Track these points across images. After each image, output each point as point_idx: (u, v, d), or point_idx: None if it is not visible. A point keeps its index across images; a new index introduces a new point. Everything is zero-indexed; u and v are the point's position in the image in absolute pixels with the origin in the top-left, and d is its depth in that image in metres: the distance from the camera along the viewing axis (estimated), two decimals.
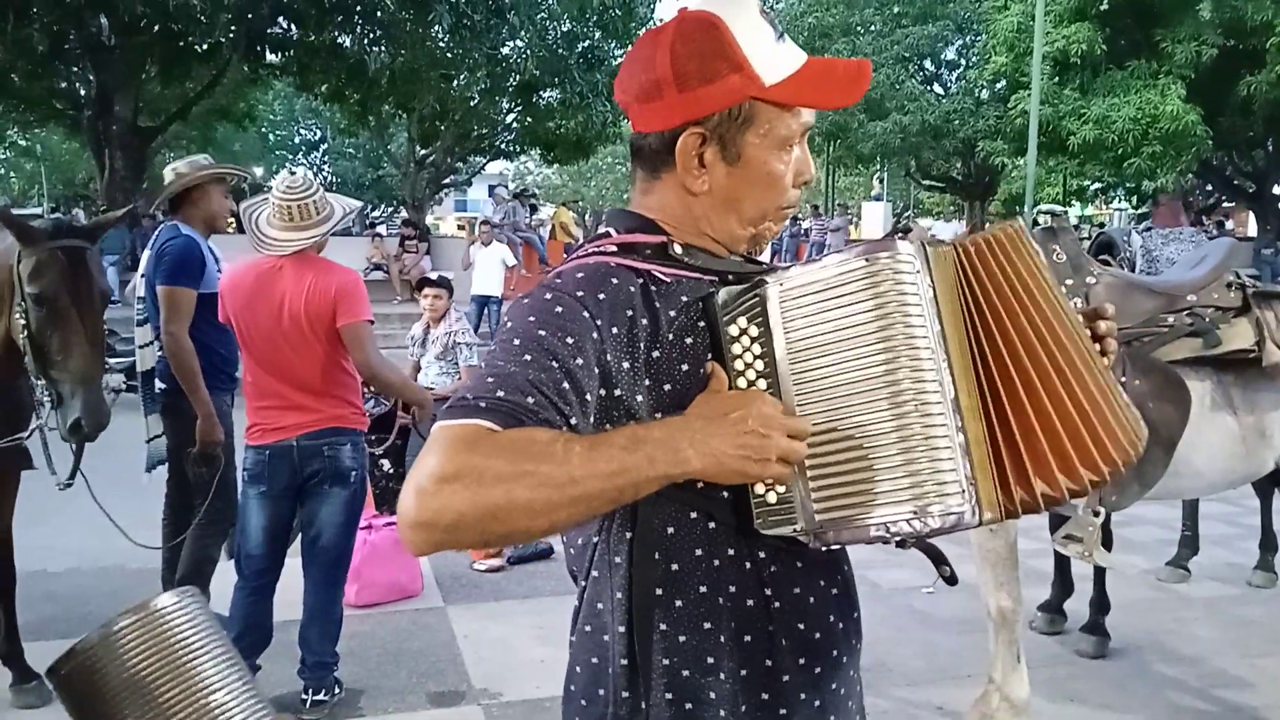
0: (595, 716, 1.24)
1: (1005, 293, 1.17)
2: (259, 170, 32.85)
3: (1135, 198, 25.98)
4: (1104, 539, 3.83)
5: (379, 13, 16.08)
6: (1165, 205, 15.93)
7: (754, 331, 1.17)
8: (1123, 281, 3.20)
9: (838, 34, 24.39)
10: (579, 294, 1.16)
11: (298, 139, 37.86)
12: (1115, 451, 1.16)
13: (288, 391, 3.37)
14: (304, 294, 3.31)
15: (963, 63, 25.79)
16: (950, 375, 1.11)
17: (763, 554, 1.21)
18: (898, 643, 4.17)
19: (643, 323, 1.16)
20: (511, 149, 23.63)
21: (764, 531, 1.16)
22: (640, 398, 1.16)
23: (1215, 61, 17.26)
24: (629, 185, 1.34)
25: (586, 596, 1.26)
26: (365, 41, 16.83)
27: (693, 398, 1.15)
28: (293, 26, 17.28)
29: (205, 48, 16.87)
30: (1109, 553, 3.79)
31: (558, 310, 1.14)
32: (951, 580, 1.28)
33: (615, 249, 1.23)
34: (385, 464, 4.79)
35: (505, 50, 18.30)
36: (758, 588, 1.21)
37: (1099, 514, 3.04)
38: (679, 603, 1.20)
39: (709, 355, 1.18)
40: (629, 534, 1.20)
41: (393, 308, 14.44)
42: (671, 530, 1.20)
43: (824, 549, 1.19)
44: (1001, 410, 1.15)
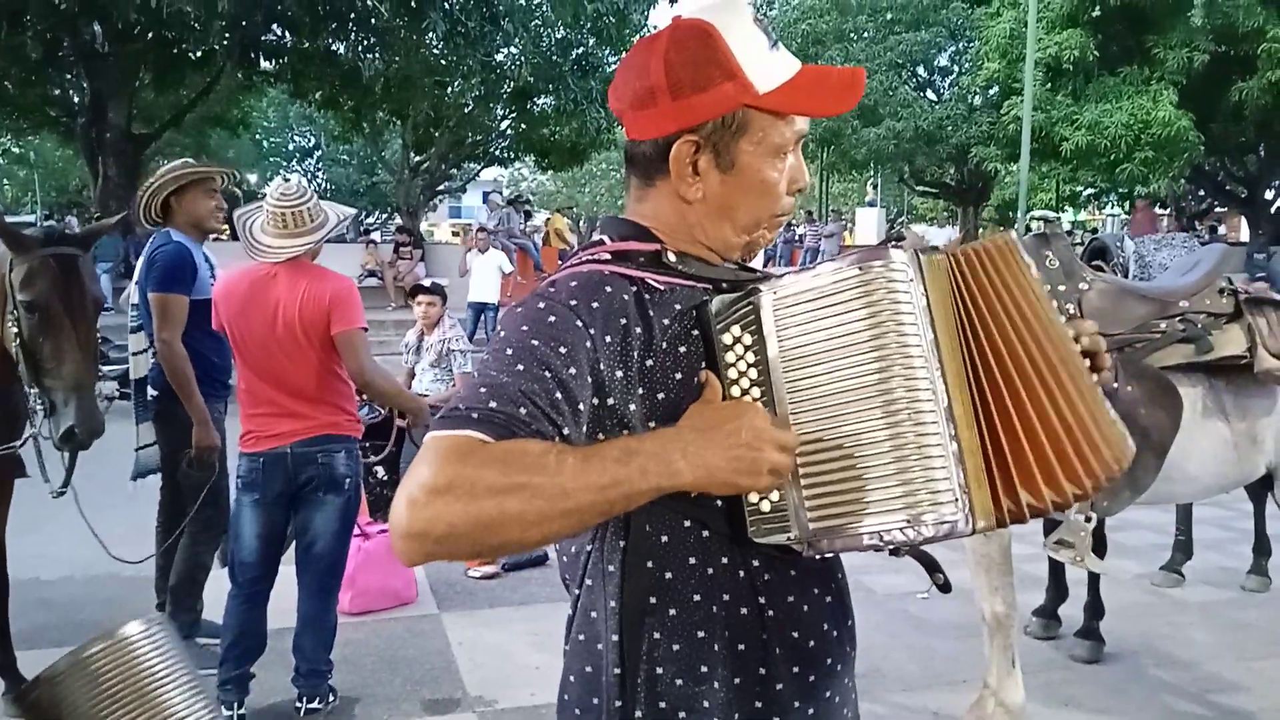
0: None
1: (995, 304, 1.17)
2: (253, 177, 32.84)
3: (1128, 203, 26.07)
4: (1098, 544, 3.84)
5: (373, 20, 16.06)
6: (1142, 212, 16.00)
7: (748, 340, 1.17)
8: (1115, 287, 3.21)
9: (831, 41, 24.47)
10: (572, 303, 1.15)
11: (292, 146, 37.85)
12: (1098, 465, 1.16)
13: (282, 399, 3.36)
14: (298, 301, 3.30)
15: (956, 69, 25.88)
16: (944, 384, 1.12)
17: (756, 562, 1.21)
18: (893, 648, 4.17)
19: (636, 331, 1.16)
20: (506, 155, 23.64)
21: (757, 540, 1.16)
22: (634, 406, 1.16)
23: (1207, 67, 17.36)
24: (624, 192, 1.34)
25: (580, 605, 1.26)
26: (359, 48, 16.82)
27: (687, 406, 1.15)
28: (287, 33, 17.27)
29: (199, 55, 16.84)
30: (1103, 558, 3.80)
31: (551, 319, 1.14)
32: (945, 588, 1.28)
33: (609, 256, 1.23)
34: (379, 471, 4.79)
35: (500, 57, 18.31)
36: (751, 596, 1.21)
37: (1091, 519, 3.05)
38: (672, 611, 1.20)
39: (703, 364, 1.18)
40: (622, 542, 1.20)
41: (387, 314, 14.41)
42: (665, 539, 1.19)
43: (818, 557, 1.19)
44: (993, 419, 1.15)
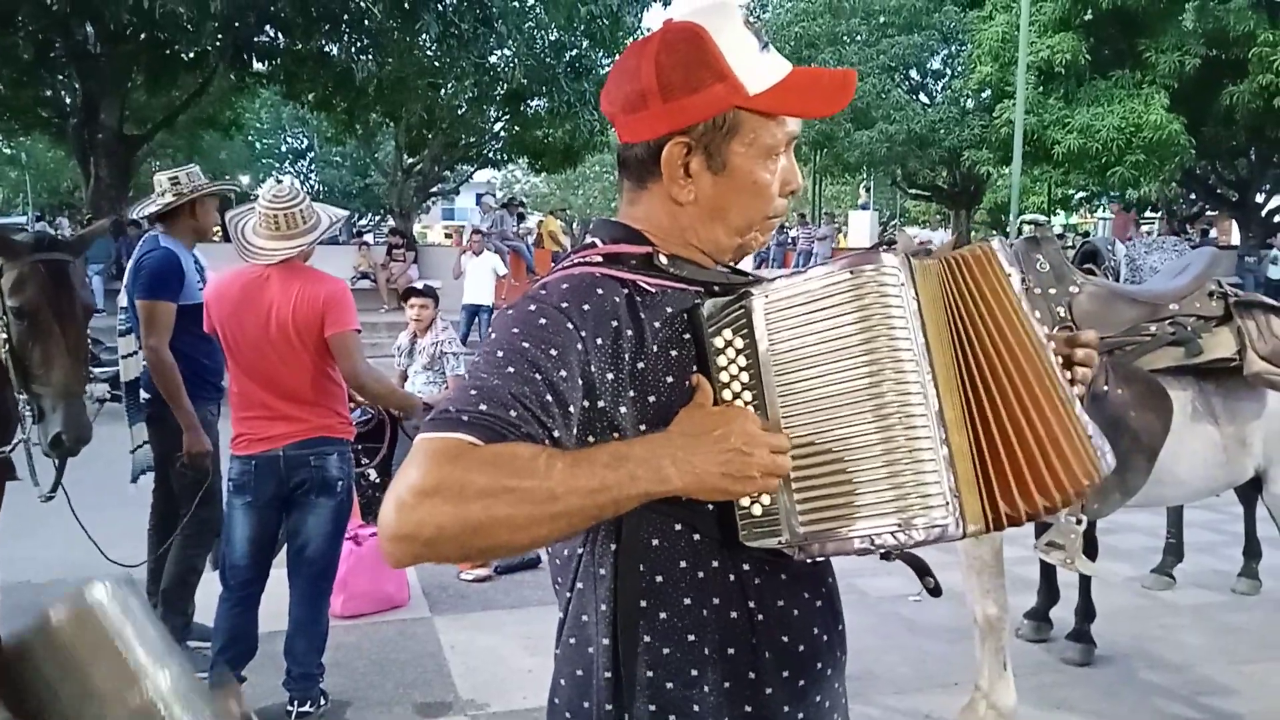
0: None
1: (974, 312, 1.18)
2: (245, 179, 32.78)
3: (1119, 206, 26.16)
4: (1089, 547, 3.85)
5: (366, 21, 16.06)
6: (1118, 216, 16.07)
7: (739, 343, 1.17)
8: (1105, 290, 3.22)
9: (824, 43, 24.51)
10: (563, 305, 1.15)
11: (284, 147, 37.80)
12: (1067, 479, 1.16)
13: (274, 401, 3.35)
14: (291, 303, 3.29)
15: (948, 72, 25.93)
16: (935, 388, 1.12)
17: (747, 566, 1.21)
18: (885, 650, 4.17)
19: (628, 334, 1.16)
20: (499, 158, 23.64)
21: (749, 544, 1.16)
22: (624, 409, 1.16)
23: (1198, 71, 17.44)
24: (617, 194, 1.34)
25: (571, 609, 1.26)
26: (352, 50, 16.82)
27: (677, 410, 1.15)
28: (280, 35, 17.26)
29: (192, 56, 16.84)
30: (1094, 561, 3.81)
31: (541, 322, 1.14)
32: (936, 592, 1.27)
33: (600, 259, 1.23)
34: (372, 474, 4.78)
35: (493, 59, 18.30)
36: (741, 600, 1.21)
37: (1081, 521, 3.06)
38: (663, 615, 1.20)
39: (694, 367, 1.18)
40: (614, 546, 1.20)
41: (380, 317, 14.39)
42: (656, 542, 1.19)
43: (808, 561, 1.19)
44: (986, 423, 1.15)
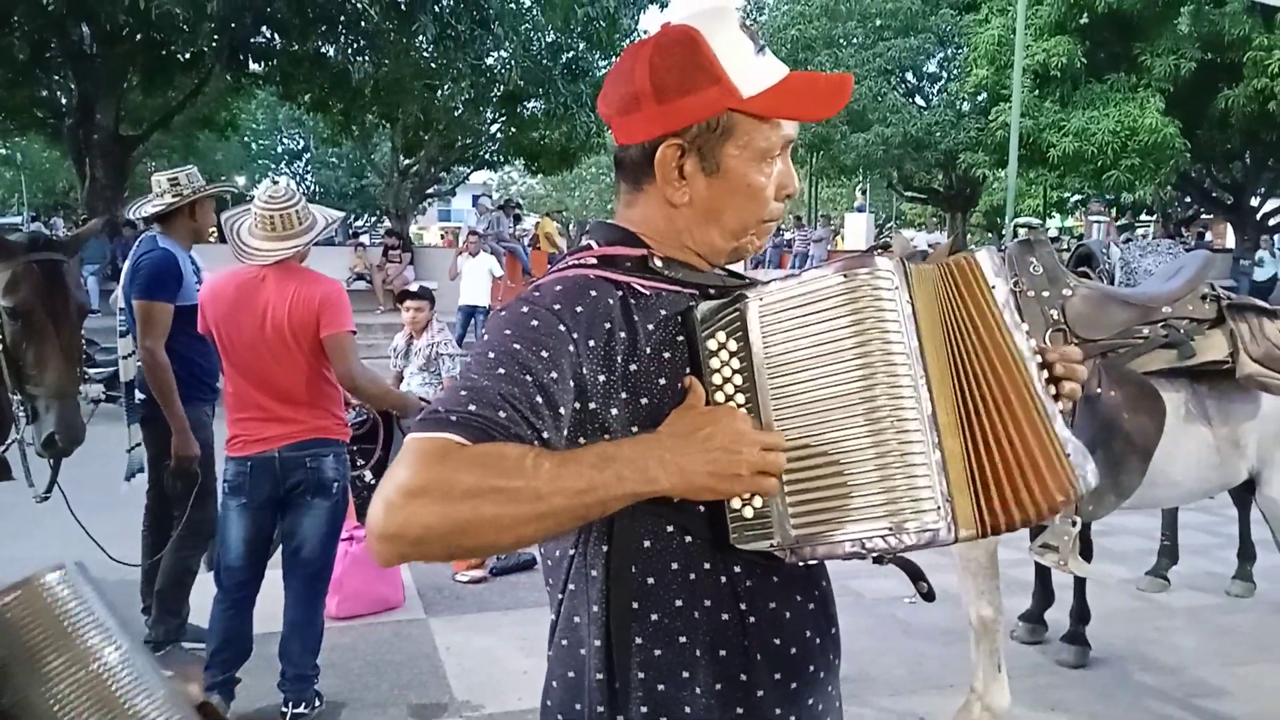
0: None
1: (962, 319, 1.18)
2: (241, 180, 32.74)
3: (1115, 209, 26.23)
4: (1084, 549, 3.85)
5: (363, 23, 16.05)
6: (1097, 215, 16.09)
7: (733, 346, 1.17)
8: (1099, 293, 3.23)
9: (820, 46, 24.56)
10: (555, 307, 1.16)
11: (280, 148, 37.77)
12: (1041, 494, 1.15)
13: (270, 403, 3.35)
14: (287, 304, 3.29)
15: (944, 75, 26.00)
16: (928, 391, 1.12)
17: (738, 568, 1.21)
18: (881, 652, 4.18)
19: (621, 336, 1.17)
20: (495, 159, 23.65)
21: (740, 546, 1.16)
22: (615, 411, 1.16)
23: (1193, 75, 17.49)
24: (613, 196, 1.34)
25: (563, 610, 1.26)
26: (349, 51, 16.81)
27: (670, 412, 1.15)
28: (276, 36, 17.25)
29: (188, 56, 16.79)
30: (1089, 563, 3.82)
31: (533, 324, 1.14)
32: (929, 596, 1.27)
33: (595, 261, 1.23)
34: (368, 475, 4.78)
35: (489, 61, 18.30)
36: (733, 602, 1.21)
37: (1075, 523, 3.06)
38: (654, 616, 1.20)
39: (687, 369, 1.18)
40: (605, 547, 1.20)
41: (375, 318, 14.37)
42: (648, 544, 1.19)
43: (800, 564, 1.18)
44: (978, 428, 1.15)
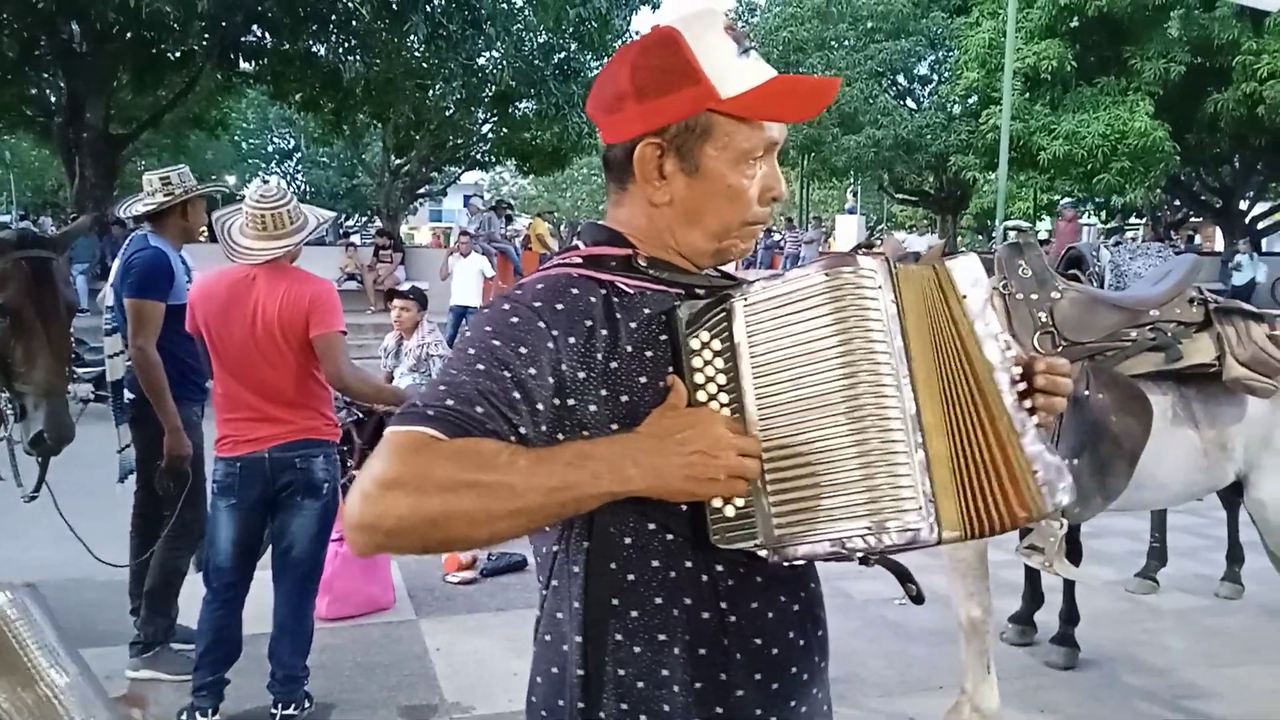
0: None
1: (941, 323, 1.18)
2: (231, 179, 32.66)
3: (1104, 213, 26.33)
4: (1074, 551, 3.87)
5: (354, 22, 16.04)
6: (1067, 221, 16.15)
7: (716, 345, 1.17)
8: (1087, 296, 3.24)
9: (812, 48, 24.59)
10: (536, 304, 1.17)
11: (271, 147, 37.62)
12: (1005, 506, 1.14)
13: (259, 403, 3.34)
14: (278, 303, 3.28)
15: (935, 78, 26.05)
16: (913, 391, 1.11)
17: (720, 567, 1.21)
18: (870, 654, 4.18)
19: (602, 333, 1.17)
20: (487, 159, 23.65)
21: (720, 546, 1.16)
22: (594, 408, 1.16)
23: (1183, 79, 17.58)
24: (605, 197, 1.35)
25: (547, 606, 1.27)
26: (340, 50, 16.78)
27: (650, 410, 1.16)
28: (267, 35, 17.21)
29: (178, 55, 16.76)
30: (1078, 565, 3.83)
31: (513, 320, 1.16)
32: (918, 599, 1.27)
33: (580, 261, 1.24)
34: (357, 475, 4.77)
35: (481, 61, 18.30)
36: (713, 601, 1.21)
37: (1061, 525, 3.08)
38: (634, 614, 1.20)
39: (670, 369, 1.19)
40: (586, 544, 1.21)
41: (366, 318, 14.35)
42: (629, 541, 1.20)
43: (785, 564, 1.18)
44: (962, 431, 1.14)
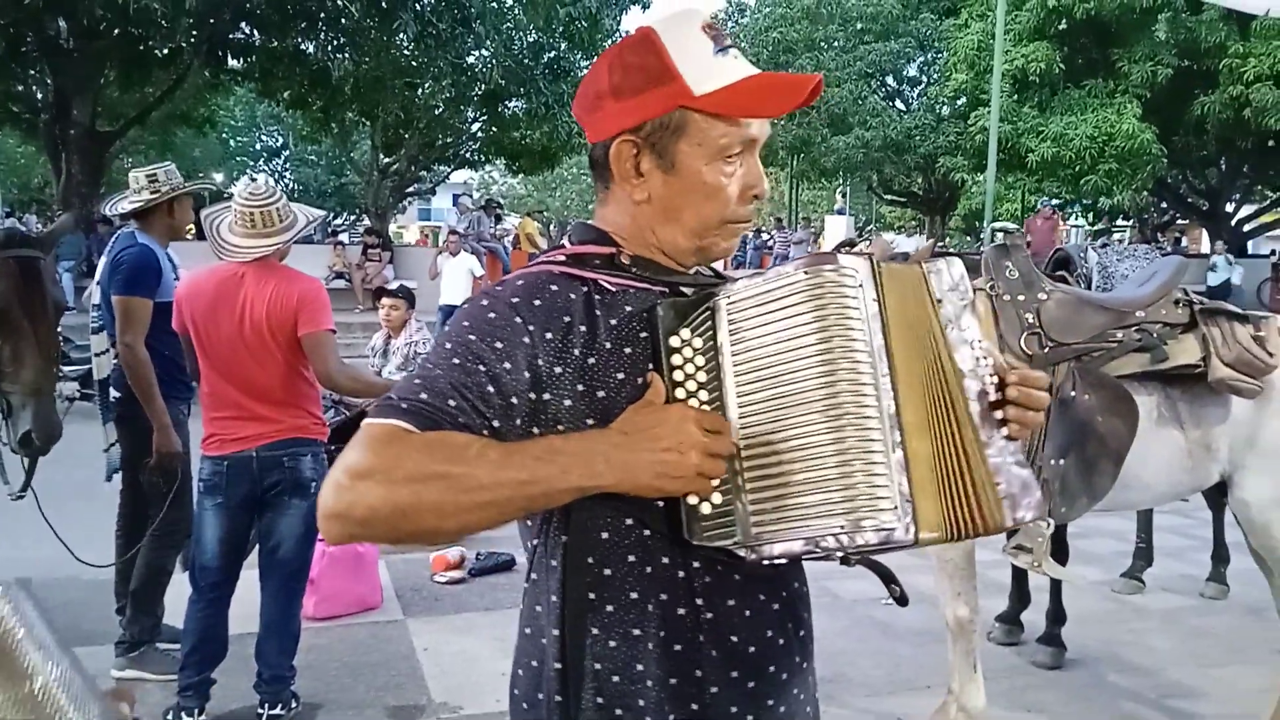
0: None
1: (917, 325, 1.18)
2: (219, 176, 32.50)
3: (1092, 215, 26.45)
4: (1060, 551, 3.89)
5: (343, 19, 15.98)
6: (1043, 219, 16.20)
7: (698, 344, 1.18)
8: (1073, 298, 3.25)
9: (801, 49, 24.64)
10: (514, 301, 1.19)
11: (259, 145, 37.47)
12: (976, 514, 1.13)
13: (247, 401, 3.33)
14: (266, 302, 3.27)
15: (924, 79, 26.15)
16: (893, 390, 1.11)
17: (697, 564, 1.21)
18: (858, 653, 4.19)
19: (580, 329, 1.19)
20: (476, 158, 23.58)
21: (695, 542, 1.16)
22: (569, 402, 1.17)
23: (1170, 82, 17.67)
24: (594, 196, 1.36)
25: (527, 599, 1.28)
26: (329, 48, 16.73)
27: (625, 406, 1.17)
28: (255, 32, 17.15)
29: (166, 52, 16.67)
30: (1065, 565, 3.85)
31: (490, 316, 1.18)
32: (902, 600, 1.27)
33: (564, 259, 1.26)
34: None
35: (470, 59, 18.27)
36: (689, 597, 1.21)
37: (1049, 525, 3.09)
38: (610, 608, 1.21)
39: (650, 365, 1.19)
40: (564, 538, 1.22)
41: (354, 316, 14.32)
42: (606, 536, 1.21)
43: (764, 562, 1.17)
44: (943, 432, 1.14)
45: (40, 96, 18.12)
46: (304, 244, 10.84)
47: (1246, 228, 23.31)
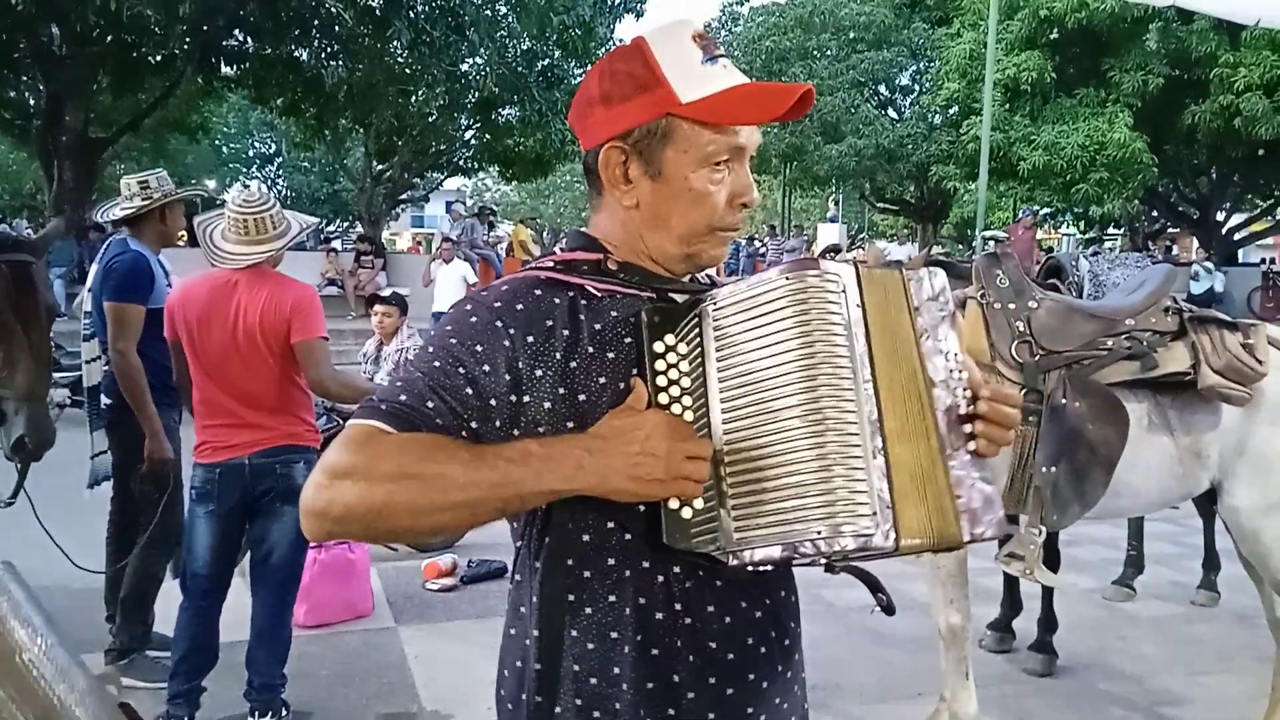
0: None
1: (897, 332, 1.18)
2: (212, 183, 32.44)
3: (1083, 223, 26.53)
4: (1052, 558, 3.90)
5: (337, 27, 15.99)
6: (1024, 229, 16.24)
7: (682, 349, 1.19)
8: (1064, 306, 3.27)
9: (794, 58, 24.71)
10: (496, 305, 1.21)
11: (252, 152, 37.36)
12: (919, 527, 1.12)
13: (240, 409, 3.32)
14: (259, 308, 3.27)
15: (916, 88, 26.21)
16: (875, 396, 1.11)
17: (678, 569, 1.22)
18: (851, 661, 4.19)
19: (562, 333, 1.20)
20: (470, 166, 23.59)
21: (674, 547, 1.16)
22: (549, 405, 1.18)
23: (1161, 91, 17.74)
24: (587, 203, 1.37)
25: (511, 600, 1.29)
26: (322, 55, 16.72)
27: (606, 411, 1.17)
28: (248, 39, 17.13)
29: (159, 59, 16.67)
30: (1056, 572, 3.86)
31: (472, 320, 1.20)
32: (889, 609, 1.27)
33: (552, 265, 1.28)
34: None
35: (464, 67, 18.29)
36: (668, 602, 1.22)
37: (1040, 532, 3.10)
38: (588, 610, 1.22)
39: (633, 371, 1.20)
40: (546, 539, 1.22)
41: (347, 323, 14.31)
42: (588, 538, 1.21)
43: (746, 569, 1.17)
44: (924, 439, 1.14)
45: (33, 102, 18.08)
46: (297, 251, 10.82)
47: (1237, 236, 23.40)
